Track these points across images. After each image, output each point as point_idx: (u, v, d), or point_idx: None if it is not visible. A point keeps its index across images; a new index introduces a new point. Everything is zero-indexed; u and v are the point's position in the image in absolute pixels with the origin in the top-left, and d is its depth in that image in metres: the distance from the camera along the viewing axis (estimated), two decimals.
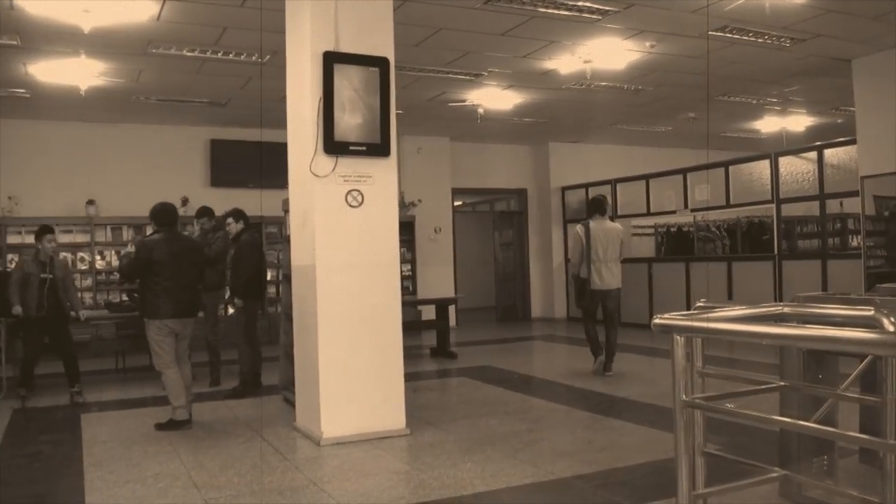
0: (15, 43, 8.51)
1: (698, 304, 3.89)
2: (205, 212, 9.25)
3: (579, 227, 9.23)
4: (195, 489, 5.15)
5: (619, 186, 14.93)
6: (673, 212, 13.79)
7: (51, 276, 8.29)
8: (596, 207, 9.28)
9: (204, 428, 6.92)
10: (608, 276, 9.03)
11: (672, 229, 14.46)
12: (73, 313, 8.59)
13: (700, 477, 3.41)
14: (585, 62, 9.73)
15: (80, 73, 9.56)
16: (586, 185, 15.48)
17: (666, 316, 3.38)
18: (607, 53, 9.50)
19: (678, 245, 14.16)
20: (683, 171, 13.40)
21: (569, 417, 7.10)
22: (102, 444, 6.52)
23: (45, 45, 8.66)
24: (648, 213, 14.35)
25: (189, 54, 9.11)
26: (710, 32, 8.85)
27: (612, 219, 10.00)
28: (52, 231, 8.54)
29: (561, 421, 6.99)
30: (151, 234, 7.11)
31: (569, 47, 9.36)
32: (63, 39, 8.45)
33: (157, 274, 6.79)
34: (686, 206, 13.35)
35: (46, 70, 9.57)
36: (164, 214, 7.11)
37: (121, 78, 10.09)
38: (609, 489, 4.87)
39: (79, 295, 10.75)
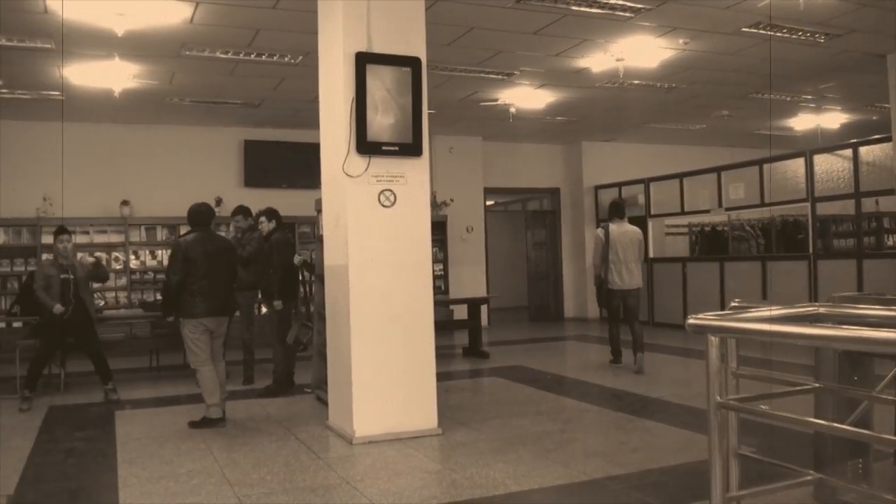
0: (49, 46, 8.65)
1: (732, 304, 3.86)
2: (240, 210, 9.31)
3: (599, 231, 9.65)
4: (228, 486, 5.19)
5: (652, 185, 14.83)
6: (707, 211, 13.67)
7: (71, 276, 8.38)
8: (615, 211, 9.64)
9: (237, 426, 6.97)
10: (628, 277, 9.40)
11: (706, 229, 14.36)
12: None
13: (734, 479, 3.38)
14: (618, 60, 9.68)
15: (115, 76, 9.69)
16: (619, 185, 15.40)
17: (700, 316, 3.35)
18: (640, 51, 9.45)
19: (712, 244, 14.06)
20: (717, 170, 13.28)
21: (601, 418, 7.07)
22: (136, 441, 6.60)
23: (80, 48, 8.79)
24: (682, 213, 14.24)
25: (222, 56, 9.20)
26: (743, 29, 8.77)
27: (632, 221, 10.35)
28: (66, 232, 8.60)
29: (593, 421, 6.96)
30: (185, 234, 7.18)
31: (601, 45, 9.32)
32: (97, 42, 8.57)
33: (192, 273, 6.86)
34: (720, 205, 13.22)
35: (81, 73, 9.72)
36: (199, 215, 7.18)
37: (154, 80, 10.21)
38: (642, 491, 4.84)
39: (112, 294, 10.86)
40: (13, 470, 5.78)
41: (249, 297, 9.07)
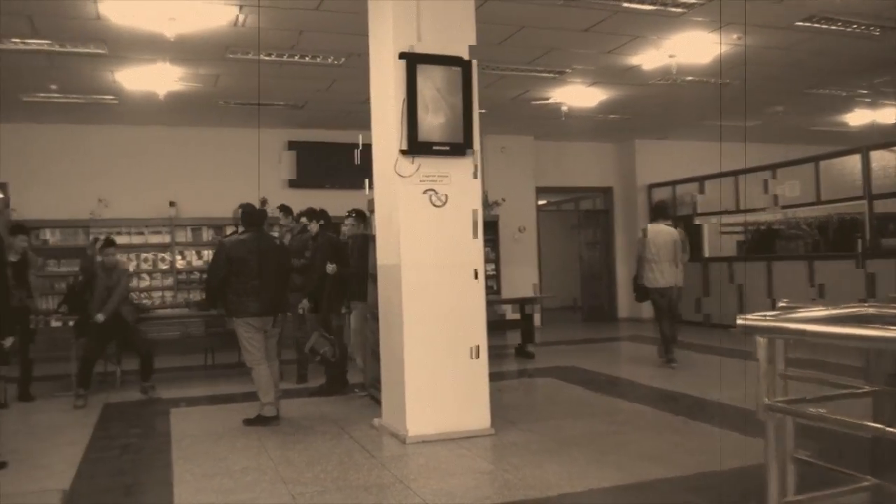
0: (102, 51, 8.84)
1: (780, 304, 3.78)
2: (280, 208, 9.37)
3: (641, 231, 10.21)
4: (282, 484, 5.24)
5: (706, 184, 14.62)
6: (762, 209, 13.44)
7: (115, 283, 8.57)
8: (657, 212, 10.25)
9: (291, 424, 7.03)
10: (664, 276, 9.77)
11: (761, 227, 14.12)
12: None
13: (790, 484, 3.31)
14: (670, 57, 9.57)
15: (161, 79, 9.87)
16: (673, 183, 15.23)
17: (749, 316, 3.29)
18: (692, 47, 9.33)
19: (766, 243, 13.81)
20: (772, 167, 13.06)
21: (656, 420, 6.99)
22: (191, 438, 6.70)
23: (130, 52, 8.97)
24: (736, 211, 14.02)
25: (267, 58, 9.28)
26: (796, 23, 8.61)
27: (685, 220, 11.23)
28: (113, 244, 8.82)
29: (647, 423, 6.89)
30: (230, 235, 7.24)
31: (653, 42, 9.23)
32: (147, 47, 8.73)
33: (240, 273, 6.92)
34: (775, 203, 12.99)
35: (131, 77, 9.92)
36: (250, 216, 7.26)
37: (200, 83, 10.36)
38: (696, 494, 4.78)
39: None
40: (69, 465, 5.91)
41: (299, 298, 9.11)
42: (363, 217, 8.51)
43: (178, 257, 13.04)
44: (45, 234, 12.54)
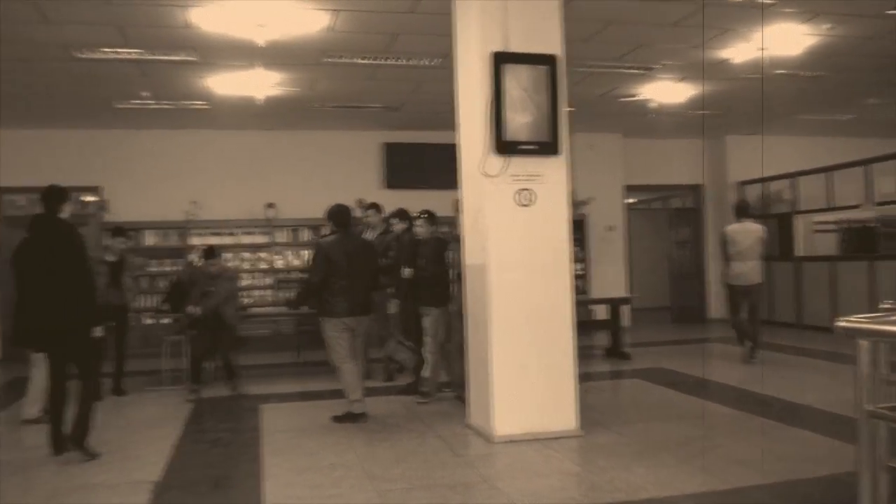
0: (193, 58, 9.10)
1: (882, 305, 3.64)
2: (371, 206, 9.43)
3: (723, 230, 10.44)
4: (369, 480, 5.29)
5: (799, 180, 14.20)
6: (857, 206, 13.00)
7: (212, 288, 8.82)
8: (739, 211, 10.33)
9: (378, 422, 7.10)
10: (747, 273, 9.90)
11: (856, 225, 13.64)
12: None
13: (883, 493, 3.20)
14: (760, 49, 9.31)
15: (257, 84, 10.08)
16: (764, 180, 14.85)
17: (849, 319, 3.18)
18: (783, 39, 9.05)
19: (862, 242, 13.34)
20: (867, 162, 12.59)
21: (745, 424, 6.82)
22: (281, 433, 6.83)
23: (222, 59, 9.20)
24: (831, 209, 13.60)
25: (362, 62, 9.39)
26: (888, 11, 8.27)
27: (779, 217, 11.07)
28: (215, 255, 9.08)
29: (737, 427, 6.73)
30: (326, 236, 7.34)
31: (743, 35, 9.00)
32: (239, 53, 8.95)
33: (333, 273, 7.02)
34: (872, 199, 12.54)
35: (223, 82, 10.18)
36: (339, 215, 7.34)
37: (297, 87, 10.55)
38: (786, 501, 4.66)
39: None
40: (160, 457, 6.09)
41: (384, 296, 9.17)
42: (434, 218, 8.41)
43: (277, 257, 13.32)
44: (145, 235, 12.98)
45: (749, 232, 10.00)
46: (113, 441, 6.57)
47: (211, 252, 9.06)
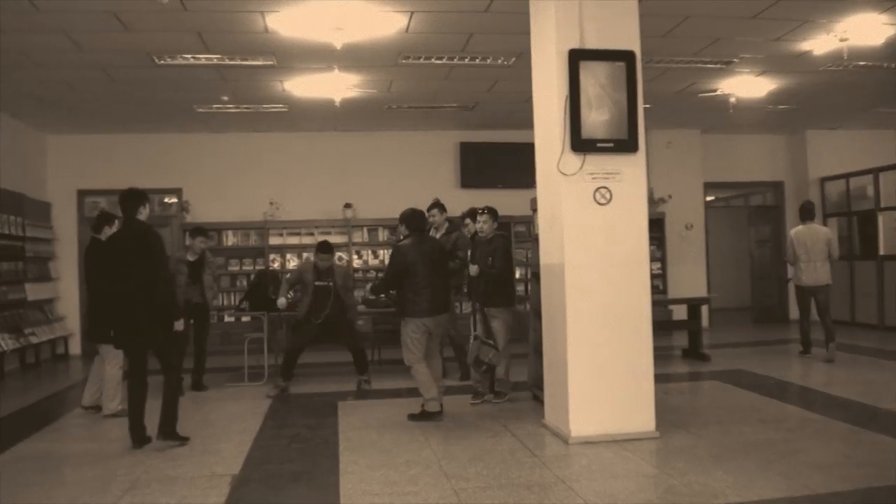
0: (272, 63, 9.28)
1: None
2: (435, 204, 9.43)
3: (789, 233, 10.68)
4: (445, 478, 5.31)
5: (881, 176, 13.72)
6: None
7: (330, 283, 8.91)
8: (804, 213, 10.49)
9: (454, 420, 7.13)
10: (815, 274, 10.14)
11: None
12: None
13: None
14: (841, 41, 9.02)
15: (335, 87, 10.21)
16: (847, 176, 14.42)
17: None
18: (864, 29, 8.73)
19: None
20: None
21: (826, 428, 6.62)
22: (357, 430, 6.90)
23: (299, 62, 9.36)
24: None
25: (437, 62, 9.43)
26: None
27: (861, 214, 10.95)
28: (330, 252, 9.08)
29: (818, 432, 6.53)
30: (403, 240, 7.37)
31: (823, 26, 8.73)
32: (316, 56, 9.09)
33: (412, 276, 7.07)
34: None
35: (301, 85, 10.36)
36: (414, 220, 7.40)
37: (373, 89, 10.66)
38: None
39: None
40: (239, 451, 6.23)
41: (455, 296, 9.18)
42: (496, 215, 8.12)
43: (355, 257, 13.48)
44: (225, 236, 13.30)
45: (815, 234, 10.25)
46: (193, 435, 6.71)
47: (325, 248, 9.08)
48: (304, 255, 13.11)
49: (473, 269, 7.80)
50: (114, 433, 6.97)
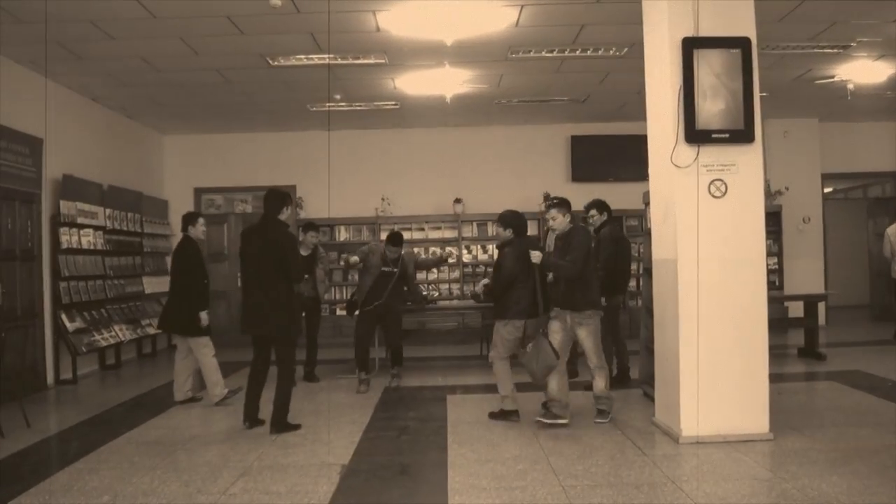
0: (383, 61, 9.41)
1: None
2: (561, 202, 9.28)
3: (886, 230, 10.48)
4: (553, 475, 5.29)
5: None
6: None
7: (395, 270, 8.95)
8: None
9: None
10: None
11: None
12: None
13: None
14: None
15: (446, 83, 10.28)
16: None
17: None
18: None
19: None
20: None
21: None
22: (466, 424, 6.94)
23: (410, 60, 9.45)
24: None
25: (548, 55, 9.35)
26: None
27: None
28: (401, 242, 9.09)
29: None
30: (506, 244, 7.21)
31: None
32: (427, 53, 9.16)
33: (519, 278, 6.99)
34: None
35: (412, 82, 10.46)
36: (517, 221, 7.25)
37: (484, 84, 10.66)
38: None
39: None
40: (349, 442, 6.35)
41: None
42: (568, 206, 7.11)
43: (465, 251, 13.53)
44: (338, 231, 13.59)
45: None
46: (305, 425, 6.90)
47: (396, 240, 9.09)
48: (415, 249, 13.25)
49: (535, 256, 6.83)
50: (226, 421, 7.23)
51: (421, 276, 12.35)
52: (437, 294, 12.99)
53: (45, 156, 9.24)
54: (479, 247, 13.64)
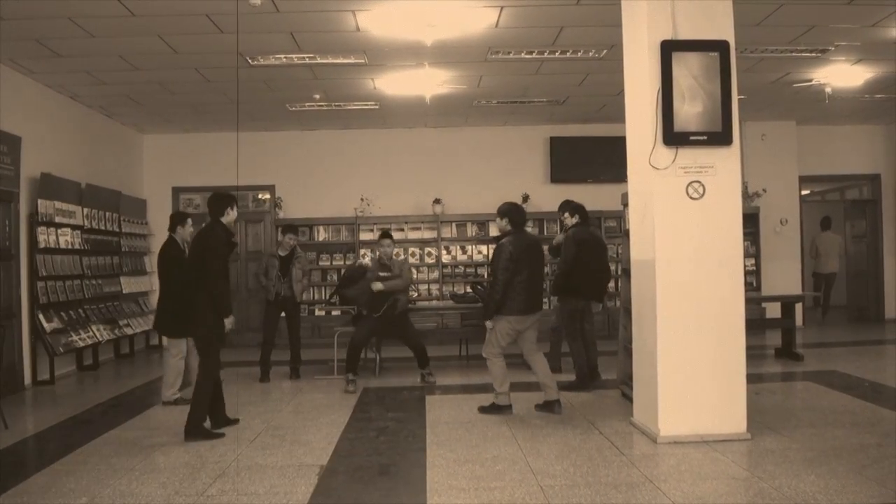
0: (363, 61, 9.40)
1: None
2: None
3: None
4: (531, 475, 5.30)
5: None
6: None
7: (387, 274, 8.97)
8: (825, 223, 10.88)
9: (542, 417, 7.10)
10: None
11: None
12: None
13: None
14: None
15: (425, 83, 10.25)
16: None
17: None
18: None
19: None
20: None
21: None
22: (445, 424, 6.94)
23: (390, 60, 9.44)
24: None
25: (527, 56, 9.38)
26: None
27: None
28: (389, 237, 9.20)
29: None
30: (506, 235, 7.24)
31: None
32: (407, 54, 9.15)
33: (517, 272, 7.01)
34: None
35: (392, 82, 10.44)
36: (517, 213, 7.30)
37: (463, 84, 10.66)
38: None
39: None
40: (328, 443, 6.34)
41: None
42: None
43: (444, 252, 13.53)
44: (317, 231, 13.54)
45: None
46: (284, 426, 6.89)
47: (385, 234, 9.23)
48: (395, 249, 13.28)
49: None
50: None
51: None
52: (416, 294, 12.98)
53: (23, 154, 9.17)
54: (458, 247, 13.62)
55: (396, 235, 13.13)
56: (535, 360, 7.25)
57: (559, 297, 8.73)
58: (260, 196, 13.73)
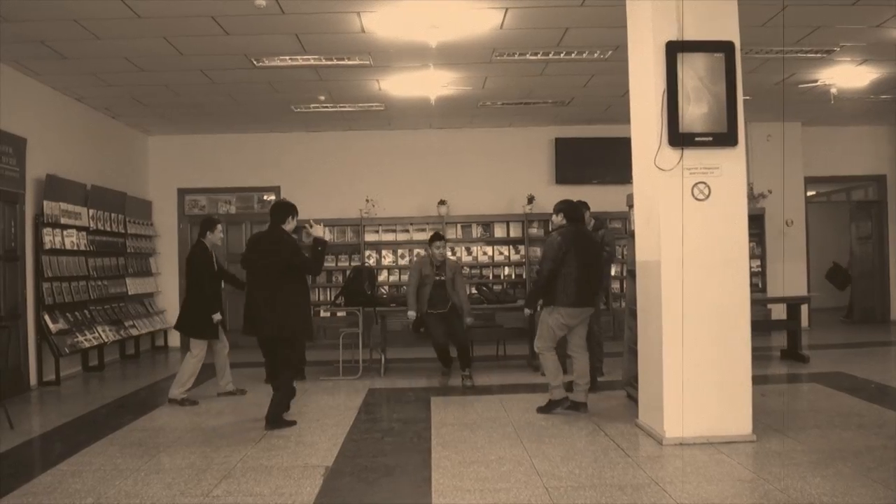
0: (368, 63, 9.40)
1: None
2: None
3: None
4: (537, 476, 5.29)
5: None
6: None
7: (443, 277, 9.14)
8: None
9: (547, 418, 7.09)
10: None
11: None
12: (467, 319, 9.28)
13: None
14: None
15: (430, 85, 10.25)
16: None
17: None
18: None
19: None
20: None
21: None
22: (450, 426, 6.94)
23: (395, 61, 9.45)
24: None
25: (532, 58, 9.38)
26: None
27: None
28: (441, 238, 9.34)
29: None
30: (558, 228, 7.28)
31: None
32: (412, 55, 9.16)
33: (566, 265, 7.04)
34: None
35: (397, 84, 10.45)
36: (573, 209, 7.37)
37: (468, 86, 10.67)
38: None
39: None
40: (333, 444, 6.34)
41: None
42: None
43: (449, 253, 13.48)
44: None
45: None
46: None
47: (438, 236, 9.37)
48: (399, 251, 13.36)
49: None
50: (209, 423, 7.24)
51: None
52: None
53: (29, 155, 9.20)
54: (463, 248, 13.62)
55: (401, 237, 13.24)
56: (578, 357, 7.26)
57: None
58: (265, 197, 13.74)
